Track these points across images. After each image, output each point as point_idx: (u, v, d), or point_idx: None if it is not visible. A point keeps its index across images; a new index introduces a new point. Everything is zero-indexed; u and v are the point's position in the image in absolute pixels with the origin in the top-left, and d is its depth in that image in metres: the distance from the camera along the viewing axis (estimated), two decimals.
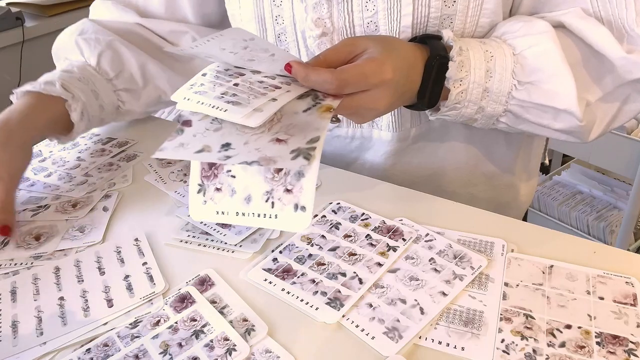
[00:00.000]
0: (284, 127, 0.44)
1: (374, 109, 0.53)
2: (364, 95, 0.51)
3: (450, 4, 0.58)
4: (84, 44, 0.71)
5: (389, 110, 0.57)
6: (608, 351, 0.43)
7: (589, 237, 1.65)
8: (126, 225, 0.62)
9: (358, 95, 0.51)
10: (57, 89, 0.65)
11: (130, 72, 0.74)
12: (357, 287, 0.50)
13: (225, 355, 0.45)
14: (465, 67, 0.56)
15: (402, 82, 0.54)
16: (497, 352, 0.44)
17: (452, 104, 0.58)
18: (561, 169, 1.89)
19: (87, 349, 0.46)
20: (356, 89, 0.50)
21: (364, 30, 0.61)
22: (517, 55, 0.57)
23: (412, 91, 0.57)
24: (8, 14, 1.85)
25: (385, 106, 0.53)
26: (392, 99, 0.53)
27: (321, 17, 0.61)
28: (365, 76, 0.50)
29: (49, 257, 0.57)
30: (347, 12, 0.61)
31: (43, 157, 0.75)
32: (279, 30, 0.65)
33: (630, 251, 0.56)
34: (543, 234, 0.56)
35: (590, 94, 0.58)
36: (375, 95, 0.51)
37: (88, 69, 0.70)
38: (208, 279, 0.53)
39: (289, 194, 0.43)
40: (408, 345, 0.45)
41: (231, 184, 0.45)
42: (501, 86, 0.57)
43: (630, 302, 0.47)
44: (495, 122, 0.61)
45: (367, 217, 0.59)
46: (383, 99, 0.52)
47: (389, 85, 0.51)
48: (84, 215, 0.63)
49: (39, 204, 0.65)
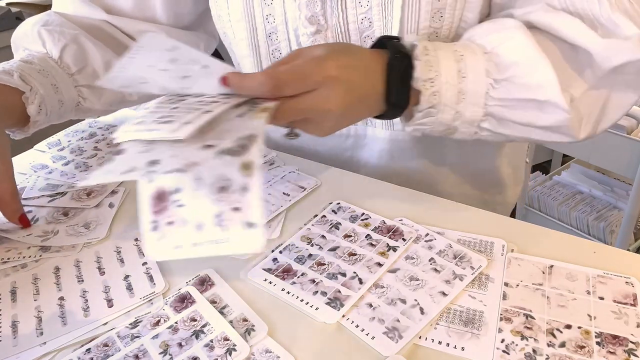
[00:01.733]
0: (216, 134, 0.43)
1: (325, 111, 0.49)
2: (310, 96, 0.48)
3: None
4: (47, 35, 0.67)
5: (347, 115, 0.52)
6: (608, 351, 0.43)
7: (589, 237, 1.65)
8: (127, 224, 0.62)
9: (303, 96, 0.48)
10: (15, 79, 0.61)
11: (94, 68, 0.71)
12: (357, 287, 0.50)
13: (225, 355, 0.45)
14: (434, 67, 0.53)
15: (358, 83, 0.51)
16: (497, 352, 0.44)
17: (426, 108, 0.54)
18: (561, 169, 1.90)
19: (87, 349, 0.46)
20: (296, 90, 0.47)
21: (357, 27, 0.61)
22: (489, 53, 0.54)
23: (375, 95, 0.53)
24: (8, 14, 1.85)
25: (338, 107, 0.49)
26: (345, 100, 0.49)
27: (315, 15, 0.61)
28: (303, 74, 0.47)
29: (57, 249, 0.58)
30: (340, 9, 0.60)
31: (62, 146, 0.77)
32: (270, 30, 0.65)
33: (630, 251, 0.56)
34: (543, 234, 0.56)
35: (573, 88, 0.55)
36: (322, 94, 0.48)
37: (49, 62, 0.67)
38: (208, 279, 0.53)
39: (238, 212, 0.40)
40: (408, 345, 0.45)
41: (181, 214, 0.43)
42: (476, 87, 0.54)
43: (630, 302, 0.47)
44: (477, 129, 0.57)
45: (367, 217, 0.59)
46: (333, 99, 0.48)
47: (335, 82, 0.48)
48: (96, 204, 0.65)
49: (56, 191, 0.67)
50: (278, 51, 0.67)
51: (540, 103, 0.53)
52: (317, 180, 0.66)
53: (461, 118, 0.55)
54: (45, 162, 0.74)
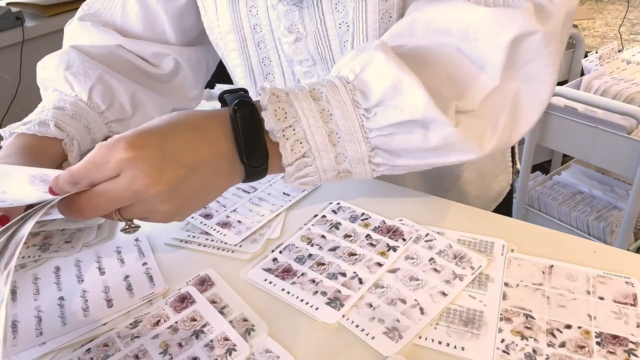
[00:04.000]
0: None
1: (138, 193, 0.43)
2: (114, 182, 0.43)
3: None
4: (73, 79, 0.69)
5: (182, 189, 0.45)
6: (608, 351, 0.43)
7: (589, 237, 1.65)
8: None
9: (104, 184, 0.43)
10: (52, 130, 0.62)
11: (120, 103, 0.72)
12: (357, 287, 0.50)
13: (225, 355, 0.45)
14: (290, 113, 0.48)
15: (181, 151, 0.45)
16: (497, 352, 0.44)
17: (296, 160, 0.49)
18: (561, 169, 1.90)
19: (87, 349, 0.46)
20: (94, 180, 0.43)
21: (336, 32, 0.60)
22: (354, 82, 0.49)
23: (220, 157, 0.47)
24: (8, 14, 1.85)
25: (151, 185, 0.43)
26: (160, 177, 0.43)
27: (294, 24, 0.61)
28: (95, 164, 0.43)
29: (56, 249, 0.58)
30: (318, 16, 0.60)
31: None
32: (258, 39, 0.65)
33: (630, 251, 0.56)
34: (543, 234, 0.56)
35: (467, 98, 0.50)
36: (127, 181, 0.42)
37: (80, 104, 0.68)
38: (208, 279, 0.53)
39: None
40: (408, 345, 0.45)
41: None
42: (348, 122, 0.49)
43: (630, 302, 0.47)
44: (372, 166, 0.52)
45: (367, 217, 0.59)
46: (140, 180, 0.42)
47: (134, 162, 0.42)
48: None
49: None
50: (268, 59, 0.67)
51: (419, 122, 0.49)
52: None
53: (347, 159, 0.50)
54: None
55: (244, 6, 0.63)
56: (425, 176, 0.74)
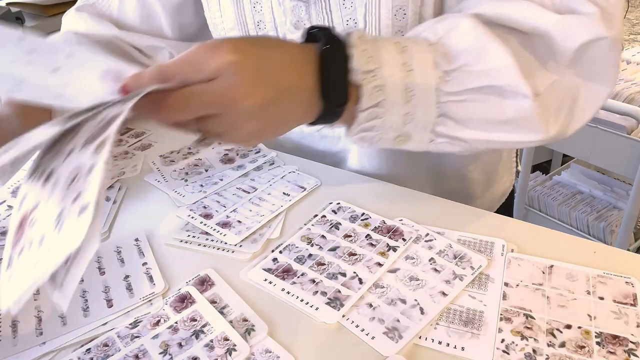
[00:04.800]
0: None
1: (233, 103, 0.42)
2: (208, 85, 0.41)
3: None
4: None
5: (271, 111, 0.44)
6: (608, 351, 0.43)
7: (589, 237, 1.65)
8: (126, 225, 0.62)
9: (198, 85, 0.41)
10: None
11: None
12: (357, 287, 0.50)
13: (225, 355, 0.45)
14: (373, 58, 0.46)
15: (276, 71, 0.44)
16: (497, 352, 0.44)
17: (370, 107, 0.48)
18: (561, 169, 1.90)
19: (87, 349, 0.46)
20: (188, 80, 0.41)
21: (344, 28, 0.60)
22: (435, 44, 0.49)
23: (306, 90, 0.46)
24: (8, 14, 1.85)
25: (249, 96, 0.41)
26: (259, 88, 0.42)
27: (300, 20, 0.61)
28: (193, 62, 0.41)
29: None
30: (325, 12, 0.60)
31: None
32: (262, 35, 0.65)
33: (630, 251, 0.56)
34: (543, 234, 0.56)
35: (536, 80, 0.49)
36: (223, 85, 0.41)
37: None
38: (208, 279, 0.53)
39: (78, 200, 0.34)
40: (408, 345, 0.45)
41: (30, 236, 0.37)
42: (425, 81, 0.47)
43: (630, 302, 0.47)
44: (432, 135, 0.51)
45: (367, 217, 0.59)
46: (239, 87, 0.41)
47: (238, 66, 0.41)
48: None
49: None
50: None
51: (498, 89, 0.48)
52: (317, 180, 0.66)
53: (413, 121, 0.49)
54: None
55: (247, 2, 0.63)
56: (431, 176, 0.74)
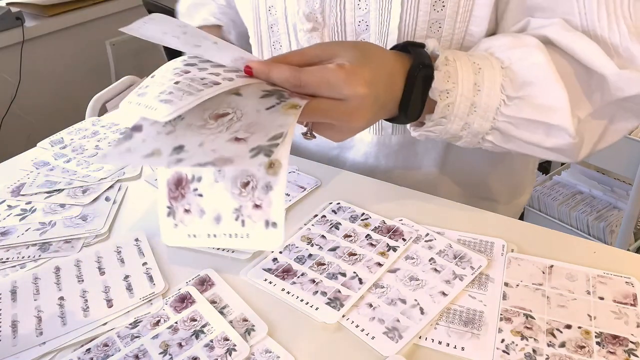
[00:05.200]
0: (245, 125, 0.41)
1: (351, 123, 0.49)
2: (335, 103, 0.47)
3: (439, 8, 0.57)
4: None
5: (369, 125, 0.52)
6: (608, 351, 0.43)
7: (589, 237, 1.65)
8: (126, 225, 0.62)
9: (327, 100, 0.47)
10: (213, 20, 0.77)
11: None
12: (357, 287, 0.50)
13: (225, 355, 0.45)
14: (452, 78, 0.53)
15: (382, 94, 0.50)
16: (497, 352, 0.44)
17: (438, 118, 0.54)
18: (561, 169, 1.89)
19: (87, 349, 0.46)
20: (320, 94, 0.46)
21: (354, 28, 0.61)
22: (506, 68, 0.54)
23: (394, 101, 0.53)
24: (8, 14, 1.85)
25: (364, 121, 0.49)
26: (370, 114, 0.49)
27: (313, 12, 0.61)
28: (329, 84, 0.46)
29: (56, 249, 0.58)
30: (339, 9, 0.60)
31: (64, 144, 0.79)
32: (272, 21, 0.66)
33: (630, 251, 0.56)
34: (543, 234, 0.56)
35: (580, 110, 0.54)
36: (351, 107, 0.47)
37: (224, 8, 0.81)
38: (208, 279, 0.53)
39: (259, 210, 0.41)
40: (408, 345, 0.45)
41: (199, 204, 0.43)
42: (489, 101, 0.53)
43: (630, 302, 0.47)
44: (480, 140, 0.56)
45: (367, 217, 0.59)
46: (362, 114, 0.48)
47: (364, 100, 0.47)
48: (89, 202, 0.66)
49: (53, 188, 0.69)
50: (279, 43, 0.67)
51: (549, 126, 0.53)
52: (317, 180, 0.66)
53: (468, 129, 0.55)
54: (47, 159, 0.75)
55: None
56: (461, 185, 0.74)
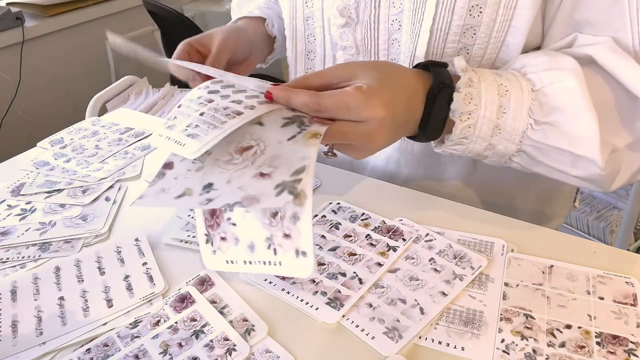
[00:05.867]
0: (268, 159, 0.43)
1: (370, 144, 0.49)
2: (354, 125, 0.47)
3: (475, 14, 0.55)
4: None
5: (389, 144, 0.52)
6: (608, 351, 0.43)
7: (589, 237, 1.65)
8: (126, 225, 0.62)
9: (347, 123, 0.47)
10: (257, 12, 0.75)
11: None
12: (357, 287, 0.50)
13: (225, 355, 0.45)
14: (474, 100, 0.52)
15: (402, 114, 0.50)
16: (497, 352, 0.44)
17: (458, 139, 0.53)
18: None
19: (87, 349, 0.46)
20: (339, 118, 0.47)
21: (387, 27, 0.60)
22: (537, 91, 0.52)
23: (414, 120, 0.53)
24: (8, 14, 1.85)
25: (383, 141, 0.50)
26: (389, 135, 0.50)
27: (347, 7, 0.61)
28: (348, 107, 0.46)
29: (56, 249, 0.58)
30: (374, 6, 0.60)
31: (64, 144, 0.79)
32: (308, 14, 0.66)
33: (630, 251, 0.56)
34: (543, 234, 0.56)
35: (618, 138, 0.52)
36: (369, 129, 0.48)
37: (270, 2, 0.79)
38: (208, 279, 0.53)
39: (288, 239, 0.42)
40: (408, 345, 0.45)
41: (234, 233, 0.46)
42: (515, 124, 0.52)
43: (630, 302, 0.47)
44: (508, 160, 0.56)
45: (367, 217, 0.59)
46: (380, 135, 0.48)
47: (383, 121, 0.48)
48: (89, 202, 0.66)
49: (53, 188, 0.69)
50: (313, 36, 0.68)
51: (576, 156, 0.52)
52: (317, 180, 0.66)
53: (493, 149, 0.54)
54: (47, 159, 0.75)
55: None
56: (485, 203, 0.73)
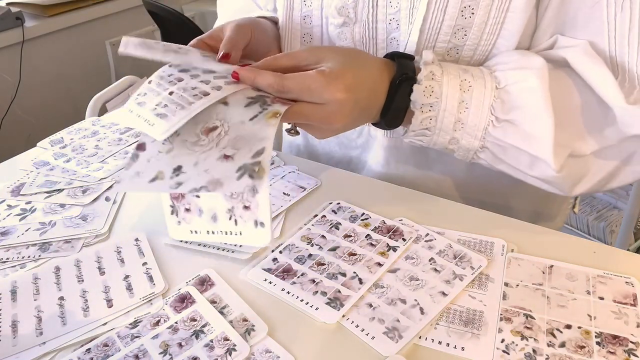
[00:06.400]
0: (232, 140, 0.45)
1: (330, 124, 0.51)
2: (317, 109, 0.49)
3: (467, 15, 0.55)
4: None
5: (348, 126, 0.54)
6: (608, 351, 0.43)
7: (589, 237, 1.65)
8: (126, 225, 0.62)
9: (308, 105, 0.49)
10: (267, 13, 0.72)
11: None
12: (357, 287, 0.50)
13: (225, 355, 0.45)
14: (435, 93, 0.53)
15: (364, 99, 0.52)
16: (497, 352, 0.44)
17: (420, 129, 0.55)
18: None
19: (87, 349, 0.46)
20: (301, 99, 0.49)
21: (385, 26, 0.60)
22: (500, 89, 0.53)
23: (377, 107, 0.54)
24: (8, 14, 1.85)
25: (342, 122, 0.51)
26: (350, 118, 0.51)
27: (345, 6, 0.61)
28: (310, 89, 0.48)
29: (56, 249, 0.58)
30: (372, 5, 0.60)
31: (64, 144, 0.79)
32: (306, 12, 0.65)
33: (630, 251, 0.56)
34: (543, 234, 0.56)
35: (582, 143, 0.53)
36: (329, 111, 0.49)
37: None
38: (208, 279, 0.53)
39: (248, 210, 0.45)
40: (408, 345, 0.45)
41: (197, 204, 0.48)
42: (476, 120, 0.53)
43: (630, 302, 0.47)
44: (474, 157, 0.57)
45: (367, 217, 0.59)
46: (339, 116, 0.50)
47: (343, 103, 0.49)
48: (89, 202, 0.66)
49: (53, 188, 0.69)
50: (309, 35, 0.67)
51: (531, 156, 0.53)
52: (317, 180, 0.66)
53: (457, 144, 0.56)
54: (47, 159, 0.75)
55: None
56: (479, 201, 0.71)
